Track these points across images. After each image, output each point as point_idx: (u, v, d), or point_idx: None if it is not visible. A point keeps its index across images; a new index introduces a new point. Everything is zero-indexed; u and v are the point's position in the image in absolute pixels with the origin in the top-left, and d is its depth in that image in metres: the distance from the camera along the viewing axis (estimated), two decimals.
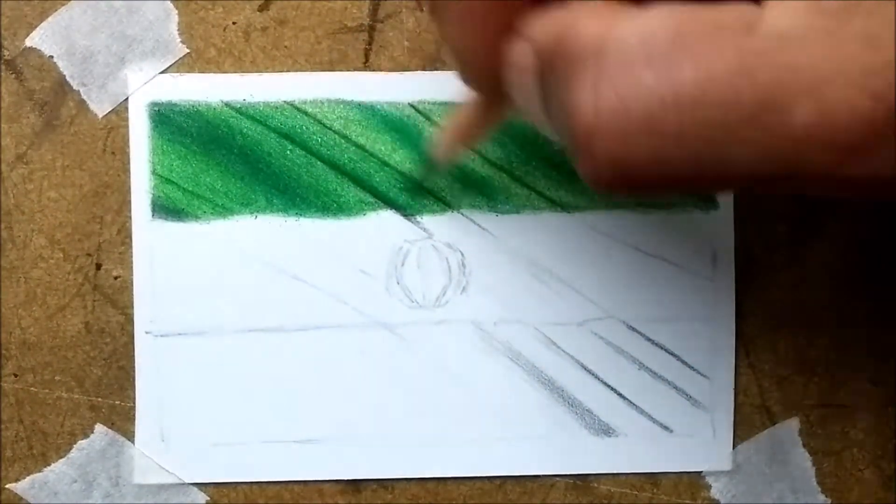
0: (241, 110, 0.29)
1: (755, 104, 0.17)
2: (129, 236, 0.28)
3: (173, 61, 0.28)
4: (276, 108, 0.29)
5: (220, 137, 0.29)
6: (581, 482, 0.29)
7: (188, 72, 0.29)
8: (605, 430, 0.29)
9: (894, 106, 0.16)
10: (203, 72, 0.29)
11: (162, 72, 0.28)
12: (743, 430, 0.29)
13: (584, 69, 0.18)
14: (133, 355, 0.28)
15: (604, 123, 0.18)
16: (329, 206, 0.29)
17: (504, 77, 0.21)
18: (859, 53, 0.16)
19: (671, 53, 0.17)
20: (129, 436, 0.29)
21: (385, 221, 0.29)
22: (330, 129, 0.29)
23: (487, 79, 0.22)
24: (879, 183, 0.17)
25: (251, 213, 0.29)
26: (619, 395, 0.29)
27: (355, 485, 0.29)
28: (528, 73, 0.20)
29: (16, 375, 0.29)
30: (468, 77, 0.23)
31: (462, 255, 0.29)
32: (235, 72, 0.29)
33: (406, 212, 0.29)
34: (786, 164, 0.17)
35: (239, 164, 0.29)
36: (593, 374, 0.29)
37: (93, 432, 0.29)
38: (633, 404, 0.29)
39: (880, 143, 0.16)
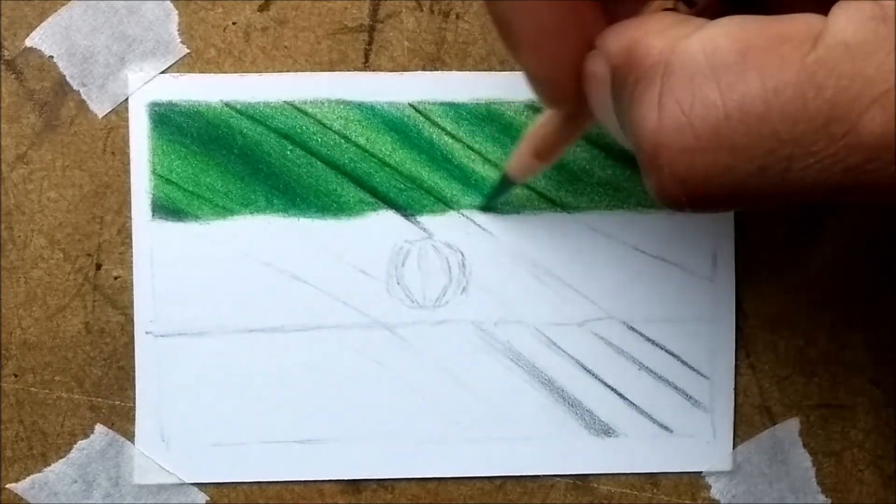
0: (241, 110, 0.29)
1: (823, 115, 0.17)
2: (129, 236, 0.28)
3: (173, 61, 0.28)
4: (276, 108, 0.29)
5: (220, 137, 0.29)
6: (581, 482, 0.29)
7: (188, 72, 0.29)
8: (605, 430, 0.29)
9: None
10: (203, 72, 0.29)
11: (162, 72, 0.28)
12: (743, 430, 0.29)
13: (650, 83, 0.18)
14: (133, 355, 0.29)
15: (668, 138, 0.18)
16: (329, 206, 0.29)
17: (583, 89, 0.21)
18: None
19: (736, 66, 0.17)
20: (129, 436, 0.29)
21: (385, 221, 0.29)
22: (330, 129, 0.29)
23: (566, 96, 0.22)
24: None
25: (251, 213, 0.29)
26: (619, 395, 0.29)
27: (355, 485, 0.29)
28: (604, 86, 0.20)
29: (16, 375, 0.29)
30: (547, 97, 0.22)
31: (462, 255, 0.29)
32: (235, 72, 0.29)
33: (406, 212, 0.29)
34: (854, 175, 0.17)
35: (239, 164, 0.29)
36: (593, 374, 0.29)
37: (93, 432, 0.29)
38: (633, 404, 0.29)
39: None
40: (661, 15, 0.20)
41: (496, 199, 0.29)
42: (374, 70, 0.29)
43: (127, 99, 0.28)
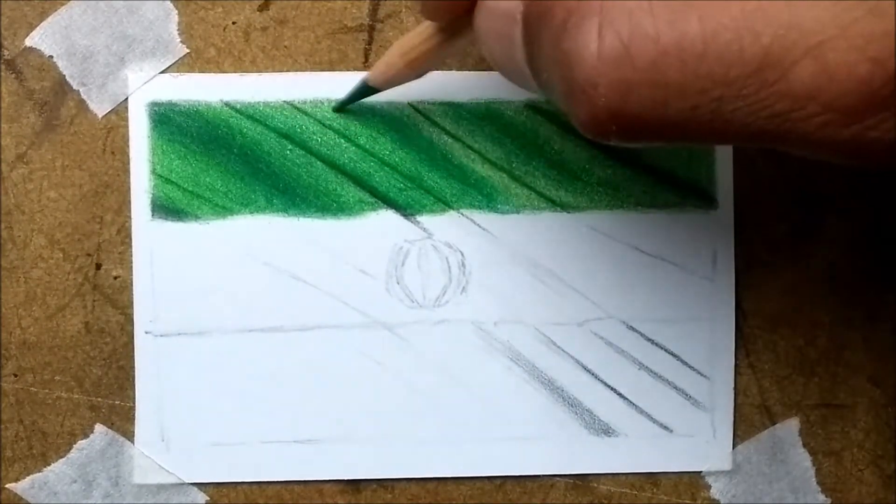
0: (241, 110, 0.29)
1: (757, 61, 0.17)
2: (129, 236, 0.28)
3: (173, 61, 0.28)
4: (276, 108, 0.29)
5: (219, 137, 0.29)
6: (581, 482, 0.29)
7: (188, 72, 0.29)
8: (605, 430, 0.29)
9: (893, 73, 0.16)
10: (203, 72, 0.29)
11: (162, 72, 0.28)
12: (743, 430, 0.29)
13: (586, 17, 0.18)
14: (133, 355, 0.28)
15: (607, 70, 0.18)
16: (329, 206, 0.29)
17: (476, 21, 0.21)
18: (863, 19, 0.16)
19: (677, 5, 0.18)
20: (129, 436, 0.29)
21: (385, 221, 0.29)
22: (330, 129, 0.29)
23: (449, 12, 0.22)
24: (873, 149, 0.17)
25: (251, 213, 0.29)
26: (619, 395, 0.29)
27: (355, 485, 0.29)
28: (509, 21, 0.20)
29: (16, 375, 0.29)
30: (426, 6, 0.23)
31: (462, 255, 0.29)
32: (235, 72, 0.29)
33: (406, 212, 0.29)
34: (780, 123, 0.17)
35: (239, 164, 0.29)
36: (593, 374, 0.29)
37: (93, 432, 0.29)
38: (633, 404, 0.29)
39: (876, 108, 0.17)
40: None
41: (350, 102, 0.28)
42: None
43: (127, 99, 0.28)
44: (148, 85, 0.28)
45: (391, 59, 0.26)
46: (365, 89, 0.27)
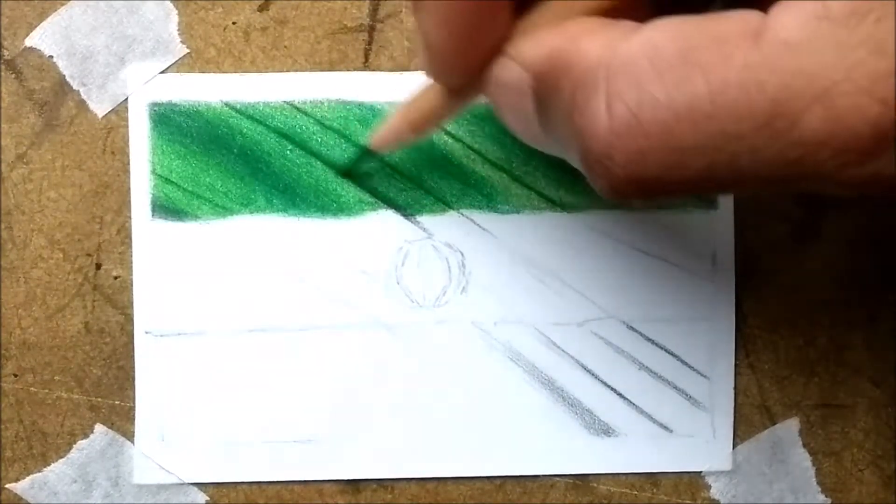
0: (241, 110, 0.29)
1: (766, 112, 0.17)
2: (129, 236, 0.28)
3: (173, 61, 0.28)
4: (276, 108, 0.29)
5: (220, 137, 0.29)
6: (581, 482, 0.29)
7: (188, 72, 0.29)
8: (605, 430, 0.29)
9: None
10: (203, 72, 0.29)
11: (162, 72, 0.28)
12: (743, 430, 0.29)
13: (593, 88, 0.18)
14: (133, 355, 0.28)
15: (619, 141, 0.18)
16: (329, 206, 0.29)
17: (487, 92, 0.22)
18: (867, 59, 0.16)
19: (680, 67, 0.17)
20: (129, 436, 0.29)
21: (385, 221, 0.29)
22: (330, 129, 0.29)
23: (457, 76, 0.22)
24: (885, 183, 0.17)
25: (251, 213, 0.29)
26: (619, 395, 0.29)
27: (355, 485, 0.29)
28: (520, 94, 0.20)
29: (16, 375, 0.29)
30: (436, 71, 0.23)
31: (462, 255, 0.29)
32: (235, 72, 0.29)
33: (406, 212, 0.29)
34: (796, 169, 0.17)
35: (239, 164, 0.29)
36: (593, 374, 0.29)
37: (93, 432, 0.29)
38: (633, 404, 0.29)
39: (888, 147, 0.17)
40: (580, 20, 0.20)
41: (356, 168, 0.28)
42: (374, 70, 0.29)
43: (127, 99, 0.28)
44: (148, 85, 0.28)
45: (395, 125, 0.26)
46: (369, 154, 0.27)
